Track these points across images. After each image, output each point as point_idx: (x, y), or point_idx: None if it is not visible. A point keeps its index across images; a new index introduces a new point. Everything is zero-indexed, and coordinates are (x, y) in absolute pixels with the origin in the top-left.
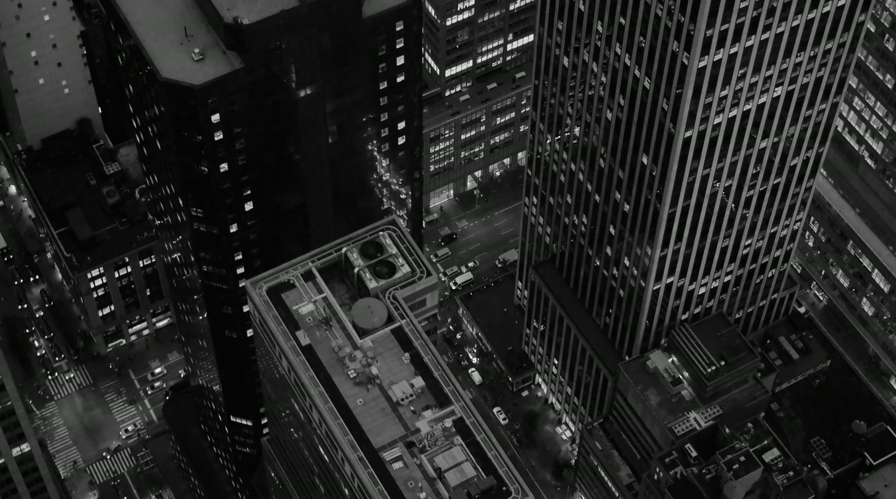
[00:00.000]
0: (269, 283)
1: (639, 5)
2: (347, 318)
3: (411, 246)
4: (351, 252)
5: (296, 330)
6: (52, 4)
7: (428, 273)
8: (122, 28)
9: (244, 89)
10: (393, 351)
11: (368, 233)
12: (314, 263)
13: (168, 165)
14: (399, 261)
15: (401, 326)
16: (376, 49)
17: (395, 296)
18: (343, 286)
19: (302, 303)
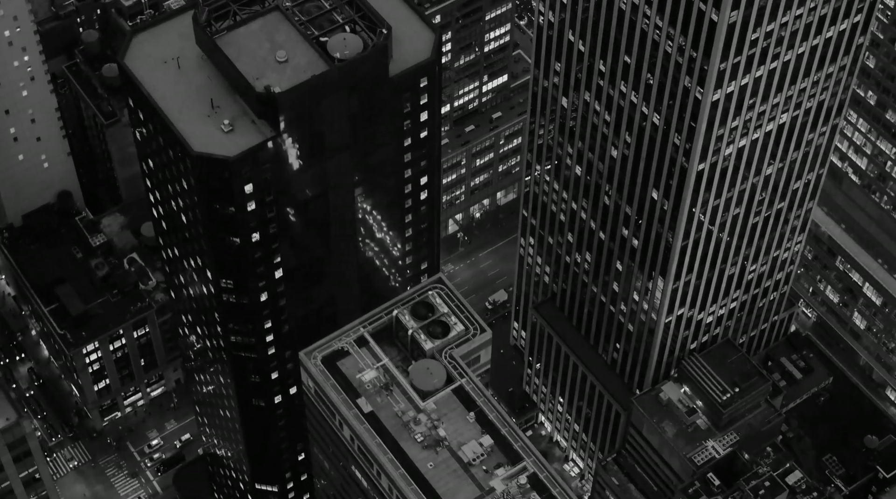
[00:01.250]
0: (323, 352)
1: (645, 43)
2: (406, 381)
3: (461, 303)
4: (402, 314)
5: (356, 398)
6: (31, 79)
7: (482, 329)
8: (144, 104)
9: (276, 157)
10: (457, 411)
11: (417, 293)
12: (366, 329)
13: (195, 238)
14: (451, 319)
15: (461, 385)
16: (402, 107)
17: (451, 355)
18: (394, 349)
19: (362, 370)
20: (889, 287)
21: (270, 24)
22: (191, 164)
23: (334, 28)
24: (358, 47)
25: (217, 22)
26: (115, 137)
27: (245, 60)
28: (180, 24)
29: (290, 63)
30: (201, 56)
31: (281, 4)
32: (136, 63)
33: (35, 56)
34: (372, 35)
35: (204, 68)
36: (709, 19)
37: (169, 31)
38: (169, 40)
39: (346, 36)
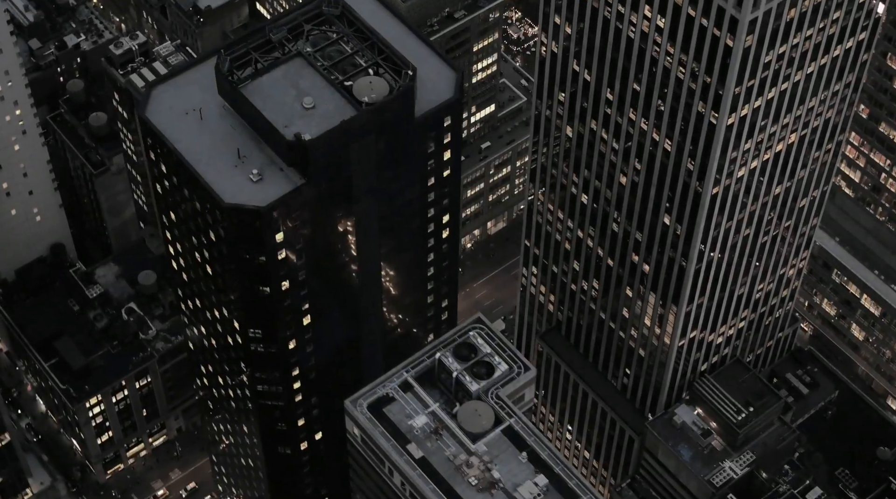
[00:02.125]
0: (368, 399)
1: (656, 70)
2: (454, 424)
3: (502, 342)
4: (445, 357)
5: (406, 444)
6: (22, 133)
7: (526, 368)
8: (168, 156)
9: (305, 205)
10: (508, 452)
11: (458, 335)
12: (409, 373)
13: (221, 288)
14: (495, 359)
15: (510, 424)
16: (426, 147)
17: (497, 395)
18: (436, 391)
19: (410, 415)
20: (888, 297)
21: (294, 70)
22: (221, 215)
23: (358, 72)
24: (384, 90)
25: (239, 70)
26: (105, 187)
27: (272, 108)
28: (198, 75)
29: (317, 109)
30: (223, 106)
31: (302, 50)
32: (157, 116)
33: (27, 109)
34: (396, 77)
35: (227, 118)
36: (724, 45)
37: (188, 82)
38: (189, 91)
39: (372, 79)
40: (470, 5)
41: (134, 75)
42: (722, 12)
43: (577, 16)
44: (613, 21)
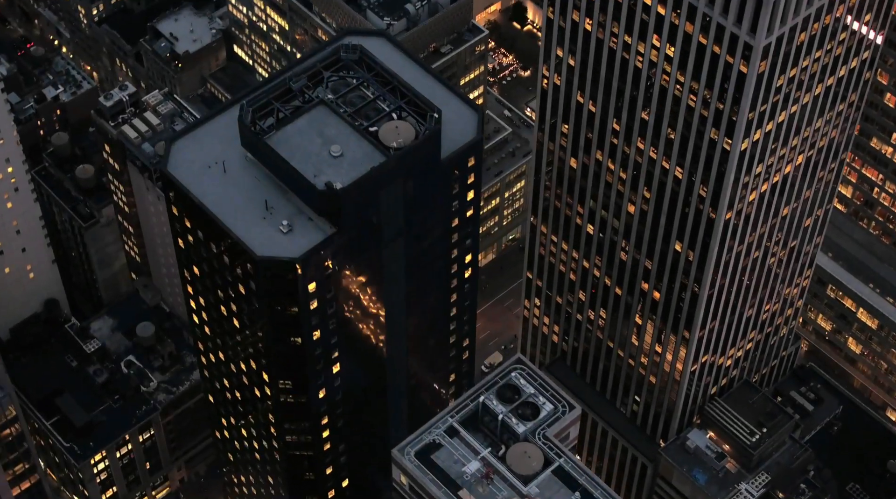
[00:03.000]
0: (415, 447)
1: (665, 99)
2: (503, 467)
3: (545, 381)
4: (489, 400)
5: (458, 490)
6: (14, 190)
7: (570, 406)
8: (193, 211)
9: (337, 253)
10: (561, 492)
11: (499, 376)
12: (454, 418)
13: (249, 340)
14: (540, 399)
15: (560, 465)
16: (451, 188)
17: (545, 435)
18: (480, 434)
19: (459, 461)
20: (884, 310)
21: (318, 118)
22: (253, 268)
23: (381, 117)
24: (411, 134)
25: (260, 121)
26: (94, 239)
27: (299, 158)
28: (217, 127)
29: (345, 157)
30: (245, 157)
31: (324, 98)
32: (179, 170)
33: (18, 166)
34: (421, 120)
35: (250, 169)
36: (737, 71)
37: (207, 135)
38: (209, 144)
39: (398, 124)
40: (455, 40)
41: (126, 126)
42: (735, 39)
43: (581, 48)
44: (620, 52)
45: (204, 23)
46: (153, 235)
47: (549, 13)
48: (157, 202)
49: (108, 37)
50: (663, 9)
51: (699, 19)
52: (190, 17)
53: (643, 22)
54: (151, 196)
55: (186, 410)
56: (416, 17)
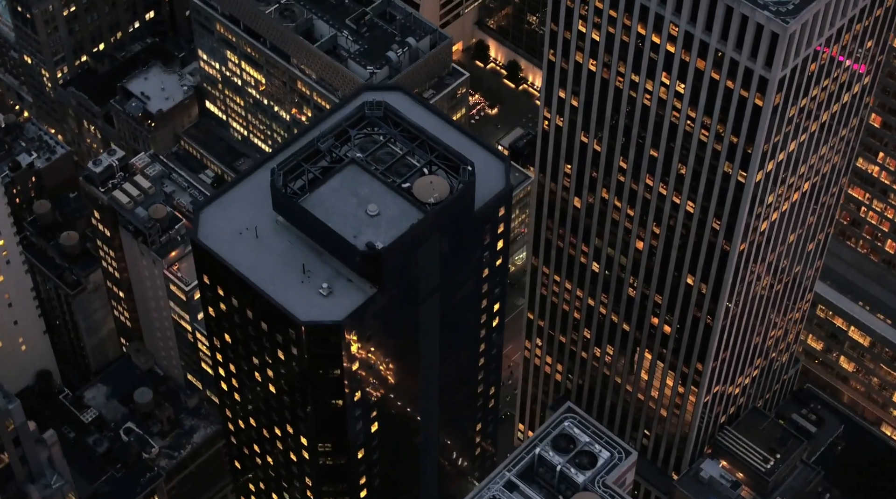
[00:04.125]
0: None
1: (675, 135)
2: None
3: (597, 428)
4: (545, 451)
5: None
6: (6, 263)
7: (627, 452)
8: (227, 279)
9: (377, 313)
10: None
11: (552, 426)
12: (511, 472)
13: (286, 406)
14: (595, 447)
15: None
16: (483, 239)
17: (604, 483)
18: (535, 486)
19: None
20: (875, 327)
21: (350, 177)
22: (296, 333)
23: (413, 173)
24: (445, 188)
25: (291, 184)
26: (82, 306)
27: (336, 220)
28: (244, 192)
29: (382, 216)
30: (276, 221)
31: (354, 156)
32: (210, 238)
33: (10, 238)
34: (453, 173)
35: (282, 233)
36: (752, 104)
37: (233, 200)
38: (237, 210)
39: (432, 179)
40: (437, 84)
41: (117, 192)
42: (750, 73)
43: (585, 88)
44: (626, 90)
45: (174, 80)
46: (147, 298)
47: (551, 56)
48: (151, 267)
49: (75, 99)
50: (673, 47)
51: (711, 55)
52: (160, 75)
53: (651, 60)
54: (146, 260)
55: (189, 474)
56: (398, 64)
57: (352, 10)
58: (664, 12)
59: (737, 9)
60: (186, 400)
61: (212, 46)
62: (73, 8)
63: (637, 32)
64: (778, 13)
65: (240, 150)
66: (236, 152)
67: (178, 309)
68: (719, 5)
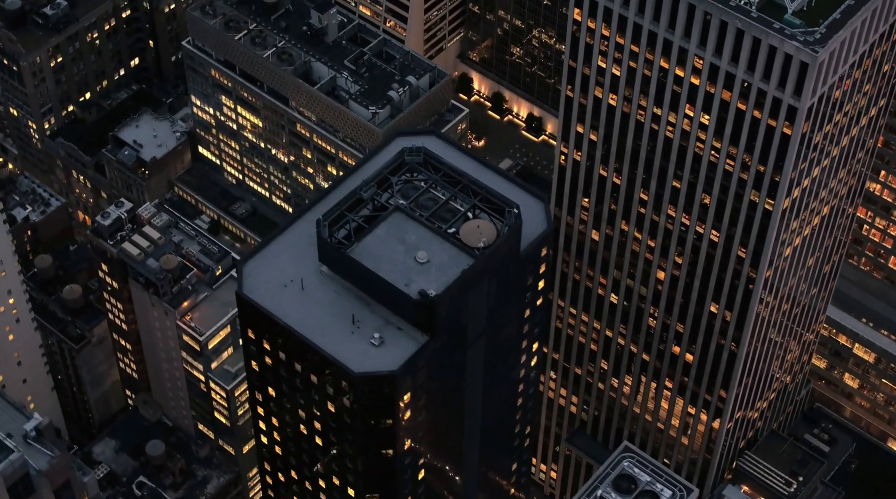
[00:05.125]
0: None
1: (699, 166)
2: None
3: (656, 467)
4: (607, 493)
5: None
6: (16, 321)
7: (688, 490)
8: (274, 332)
9: (429, 361)
10: None
11: (610, 467)
12: None
13: (333, 457)
14: (657, 486)
15: None
16: (527, 280)
17: None
18: None
19: None
20: (880, 342)
21: (396, 225)
22: (349, 385)
23: (458, 218)
24: (492, 232)
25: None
26: (86, 360)
27: (386, 269)
28: (285, 244)
29: (432, 262)
30: (320, 272)
31: (398, 204)
32: (255, 293)
33: (20, 296)
34: (498, 216)
35: (328, 284)
36: (780, 133)
37: (275, 253)
38: (280, 262)
39: (480, 223)
40: (437, 121)
41: (126, 243)
42: (778, 103)
43: (605, 122)
44: (648, 124)
45: (166, 126)
46: (157, 349)
47: (569, 92)
48: (163, 318)
49: (64, 149)
50: (697, 79)
51: (738, 86)
52: (151, 122)
53: (675, 93)
54: (157, 311)
55: None
56: (400, 103)
57: (349, 50)
58: (688, 46)
59: (765, 40)
60: (198, 450)
61: (205, 92)
62: (59, 59)
63: (660, 66)
64: (806, 43)
65: (235, 194)
66: (231, 196)
67: (191, 359)
68: (746, 37)
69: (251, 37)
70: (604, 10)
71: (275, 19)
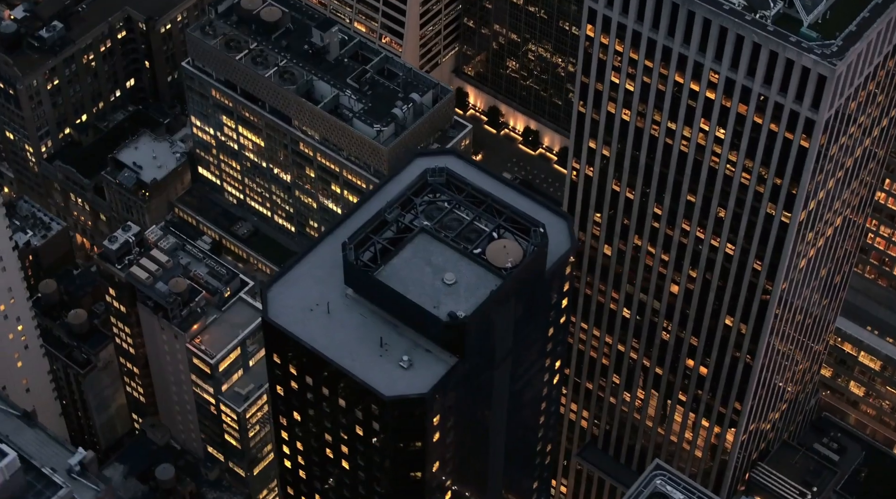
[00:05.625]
0: None
1: (715, 179)
2: None
3: (689, 484)
4: None
5: None
6: (25, 348)
7: None
8: (301, 356)
9: (458, 383)
10: None
11: (643, 485)
12: None
13: (361, 481)
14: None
15: None
16: (551, 299)
17: None
18: None
19: None
20: (885, 350)
21: (422, 247)
22: (379, 409)
23: (483, 238)
24: (519, 252)
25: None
26: (92, 384)
27: (414, 291)
28: (308, 268)
29: (460, 284)
30: (345, 295)
31: (422, 225)
32: (281, 317)
33: (28, 322)
34: (523, 236)
35: (354, 307)
36: (797, 146)
37: (298, 277)
38: (304, 286)
39: (506, 243)
40: (441, 138)
41: (135, 267)
42: (795, 116)
43: (618, 138)
44: (662, 138)
45: (165, 148)
46: (165, 373)
47: (581, 107)
48: (172, 341)
49: (62, 172)
50: (713, 93)
51: (754, 100)
52: (150, 143)
53: (690, 107)
54: (166, 335)
55: None
56: (404, 120)
57: (351, 69)
58: (703, 60)
59: (782, 53)
60: (207, 473)
61: (205, 112)
62: (56, 81)
63: (674, 81)
64: (824, 55)
65: (236, 214)
66: (232, 217)
67: (201, 382)
68: (763, 51)
69: (252, 56)
70: (617, 26)
71: (275, 38)
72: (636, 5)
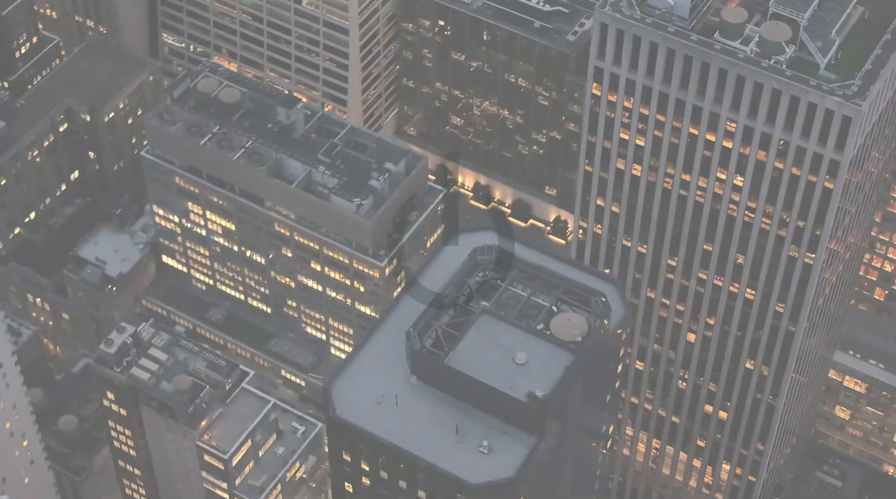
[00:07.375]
0: None
1: (733, 228)
2: None
3: None
4: None
5: None
6: (31, 463)
7: None
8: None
9: (538, 462)
10: None
11: None
12: None
13: None
14: None
15: None
16: (613, 367)
17: None
18: None
19: None
20: (869, 373)
21: (486, 328)
22: (464, 497)
23: (542, 313)
24: (584, 324)
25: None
26: (90, 490)
27: (487, 374)
28: (367, 361)
29: (531, 362)
30: (410, 383)
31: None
32: (349, 414)
33: (32, 436)
34: (582, 307)
35: (420, 395)
36: (822, 187)
37: (360, 371)
38: (366, 380)
39: (571, 317)
40: (419, 206)
41: (135, 369)
42: (819, 158)
43: (628, 194)
44: (676, 190)
45: (126, 239)
46: (171, 472)
47: (587, 167)
48: (180, 440)
49: (18, 274)
50: (730, 142)
51: (774, 146)
52: (110, 236)
53: (705, 158)
54: (173, 435)
55: None
56: (382, 191)
57: (319, 144)
58: (719, 110)
59: (804, 97)
60: None
61: (168, 200)
62: (3, 181)
63: (689, 133)
64: (846, 97)
65: (207, 300)
66: (204, 303)
67: (213, 478)
68: (784, 96)
69: (217, 140)
70: (626, 83)
71: (237, 120)
72: (646, 60)
